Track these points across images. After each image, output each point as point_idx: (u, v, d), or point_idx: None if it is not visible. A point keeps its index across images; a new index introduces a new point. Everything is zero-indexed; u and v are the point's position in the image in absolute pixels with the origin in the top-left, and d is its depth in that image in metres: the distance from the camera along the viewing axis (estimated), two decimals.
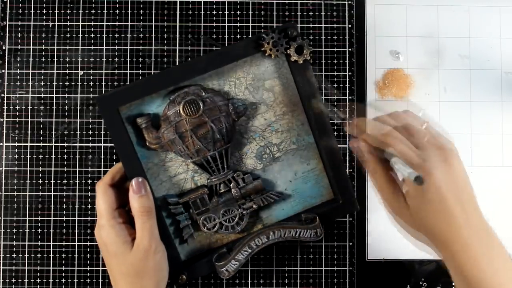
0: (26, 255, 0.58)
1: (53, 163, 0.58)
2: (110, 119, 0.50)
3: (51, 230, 0.58)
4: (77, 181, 0.58)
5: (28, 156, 0.58)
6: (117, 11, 0.60)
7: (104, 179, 0.50)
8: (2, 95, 0.59)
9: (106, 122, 0.50)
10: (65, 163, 0.58)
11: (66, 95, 0.59)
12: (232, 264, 0.53)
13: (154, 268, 0.48)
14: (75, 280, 0.58)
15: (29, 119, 0.59)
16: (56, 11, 0.60)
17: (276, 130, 0.54)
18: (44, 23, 0.59)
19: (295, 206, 0.55)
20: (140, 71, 0.59)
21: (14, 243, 0.58)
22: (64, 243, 0.58)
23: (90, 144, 0.59)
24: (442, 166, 0.44)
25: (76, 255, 0.58)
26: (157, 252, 0.48)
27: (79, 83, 0.59)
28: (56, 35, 0.59)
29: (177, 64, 0.59)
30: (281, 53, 0.51)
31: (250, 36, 0.59)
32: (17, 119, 0.59)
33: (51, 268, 0.58)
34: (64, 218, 0.58)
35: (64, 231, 0.58)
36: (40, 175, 0.58)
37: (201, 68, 0.50)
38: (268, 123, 0.54)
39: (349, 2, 0.61)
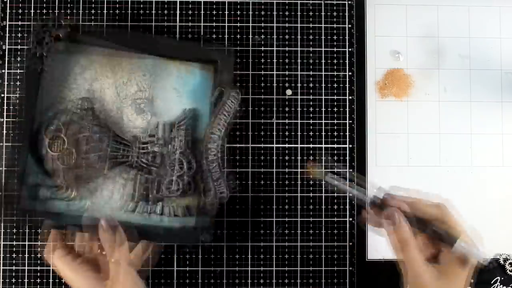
0: (26, 255, 0.58)
1: None
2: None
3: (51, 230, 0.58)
4: None
5: None
6: (117, 11, 0.60)
7: (57, 253, 0.51)
8: (2, 95, 0.59)
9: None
10: None
11: None
12: (221, 187, 0.54)
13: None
14: None
15: None
16: (56, 11, 0.59)
17: None
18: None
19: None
20: None
21: (14, 243, 0.58)
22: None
23: None
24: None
25: None
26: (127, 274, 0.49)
27: None
28: None
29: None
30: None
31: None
32: (17, 119, 0.59)
33: (51, 268, 0.58)
34: None
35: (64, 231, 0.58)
36: None
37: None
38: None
39: (349, 2, 0.61)
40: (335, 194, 0.59)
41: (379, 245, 0.59)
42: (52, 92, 0.54)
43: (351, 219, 0.59)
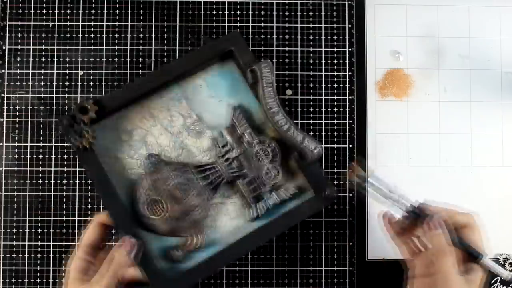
0: (26, 255, 0.58)
1: (53, 163, 0.58)
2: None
3: (51, 230, 0.58)
4: (77, 181, 0.58)
5: (28, 156, 0.58)
6: (117, 11, 0.60)
7: (102, 216, 0.52)
8: (2, 95, 0.59)
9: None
10: (65, 163, 0.58)
11: (66, 95, 0.59)
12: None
13: None
14: None
15: (29, 119, 0.59)
16: (56, 11, 0.60)
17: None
18: (44, 23, 0.59)
19: None
20: (140, 71, 0.59)
21: (14, 243, 0.58)
22: (64, 243, 0.58)
23: None
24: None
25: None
26: None
27: (79, 83, 0.59)
28: (56, 35, 0.59)
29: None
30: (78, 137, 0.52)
31: None
32: (17, 119, 0.59)
33: (51, 268, 0.58)
34: (64, 218, 0.58)
35: (64, 231, 0.58)
36: (40, 175, 0.58)
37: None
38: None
39: (349, 2, 0.61)
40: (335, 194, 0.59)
41: (379, 245, 0.59)
42: (115, 168, 0.55)
43: (351, 219, 0.59)
